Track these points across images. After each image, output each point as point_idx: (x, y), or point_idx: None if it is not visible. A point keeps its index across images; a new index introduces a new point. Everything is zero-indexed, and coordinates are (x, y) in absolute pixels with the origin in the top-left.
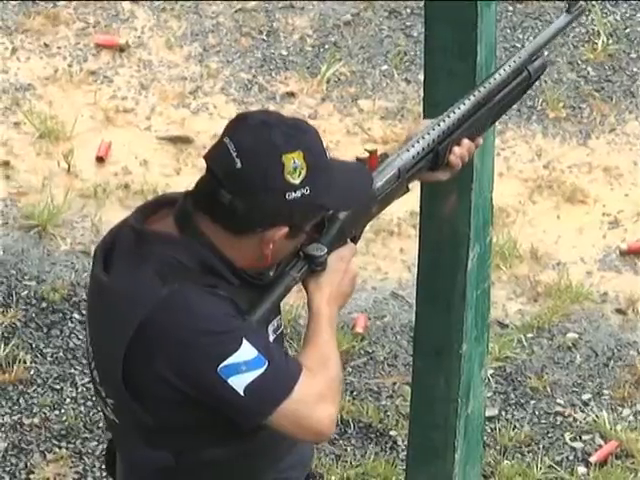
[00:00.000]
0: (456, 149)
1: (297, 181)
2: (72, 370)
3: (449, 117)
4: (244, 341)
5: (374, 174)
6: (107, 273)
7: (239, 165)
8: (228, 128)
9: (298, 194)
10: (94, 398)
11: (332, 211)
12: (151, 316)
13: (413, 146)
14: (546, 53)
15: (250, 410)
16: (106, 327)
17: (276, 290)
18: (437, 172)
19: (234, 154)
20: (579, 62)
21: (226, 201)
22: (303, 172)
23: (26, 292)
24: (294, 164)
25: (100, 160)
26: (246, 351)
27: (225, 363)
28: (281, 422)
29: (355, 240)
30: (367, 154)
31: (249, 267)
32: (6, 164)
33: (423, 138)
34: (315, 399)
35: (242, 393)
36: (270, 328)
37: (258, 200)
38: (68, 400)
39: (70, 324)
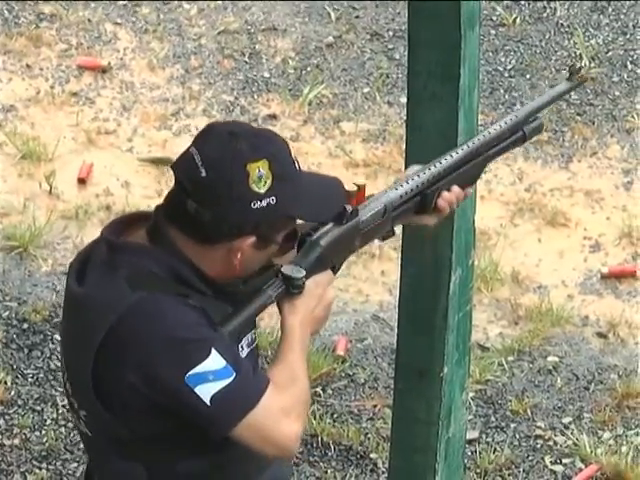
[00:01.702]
0: (445, 194)
1: (262, 190)
2: (53, 391)
3: (440, 163)
4: (213, 351)
5: (360, 207)
6: (80, 285)
7: (204, 174)
8: (196, 138)
9: (264, 203)
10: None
11: (316, 235)
12: (120, 322)
13: (402, 185)
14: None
15: (215, 420)
16: (77, 335)
17: (251, 306)
18: (424, 216)
19: (199, 163)
20: None
21: (192, 211)
22: (269, 181)
23: (7, 313)
24: (259, 173)
25: (82, 182)
26: (214, 361)
27: (192, 372)
28: (245, 434)
29: (334, 270)
30: (356, 188)
31: (220, 277)
32: None
33: (413, 179)
34: (280, 413)
35: (208, 402)
36: (244, 341)
37: (223, 209)
38: (49, 421)
39: (51, 345)
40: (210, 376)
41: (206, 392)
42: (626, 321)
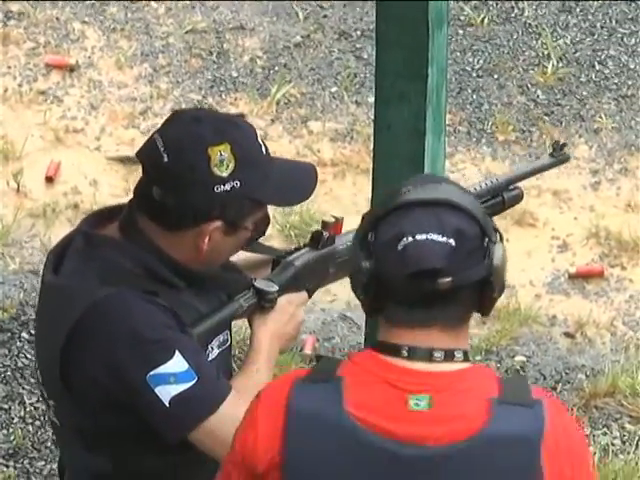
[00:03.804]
0: None
1: (225, 174)
2: (20, 389)
3: None
4: (176, 353)
5: (337, 238)
6: (55, 274)
7: (166, 159)
8: (161, 125)
9: (227, 187)
10: (42, 417)
11: (291, 257)
12: (85, 317)
13: None
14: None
15: (173, 422)
16: (47, 325)
17: (222, 312)
18: None
19: (162, 149)
20: (529, 85)
21: (158, 197)
22: (231, 165)
23: None
24: (220, 156)
25: (49, 180)
26: (177, 363)
27: (154, 372)
28: (202, 439)
29: (309, 294)
30: (333, 220)
31: (190, 264)
32: None
33: None
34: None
35: (167, 404)
36: (214, 342)
37: (186, 194)
38: (16, 419)
39: (18, 343)
40: (171, 378)
41: (166, 393)
42: (593, 321)
